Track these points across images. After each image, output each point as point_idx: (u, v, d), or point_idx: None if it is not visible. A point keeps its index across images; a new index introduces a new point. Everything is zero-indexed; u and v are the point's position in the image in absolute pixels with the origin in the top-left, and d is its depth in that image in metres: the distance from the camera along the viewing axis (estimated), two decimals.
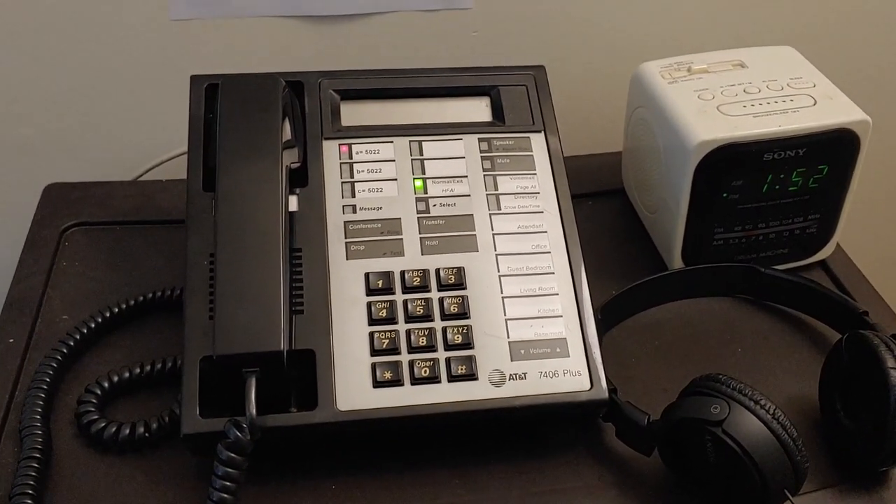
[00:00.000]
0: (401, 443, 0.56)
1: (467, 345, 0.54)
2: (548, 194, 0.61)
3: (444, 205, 0.60)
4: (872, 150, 0.66)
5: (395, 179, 0.60)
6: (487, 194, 0.60)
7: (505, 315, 0.56)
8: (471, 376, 0.53)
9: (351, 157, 0.60)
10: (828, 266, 0.72)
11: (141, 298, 0.63)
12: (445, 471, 0.55)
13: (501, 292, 0.57)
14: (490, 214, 0.59)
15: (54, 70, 0.79)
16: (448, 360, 0.54)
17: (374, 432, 0.54)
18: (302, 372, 0.52)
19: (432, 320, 0.55)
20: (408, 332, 0.54)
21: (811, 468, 0.51)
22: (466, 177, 0.61)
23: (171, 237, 0.70)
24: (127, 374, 0.58)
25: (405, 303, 0.55)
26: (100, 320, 0.61)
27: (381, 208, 0.59)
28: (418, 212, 0.59)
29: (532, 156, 0.62)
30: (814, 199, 0.67)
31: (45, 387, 0.56)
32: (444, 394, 0.53)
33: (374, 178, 0.60)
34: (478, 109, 0.64)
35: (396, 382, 0.53)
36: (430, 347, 0.54)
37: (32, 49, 0.77)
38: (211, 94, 0.60)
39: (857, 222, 0.75)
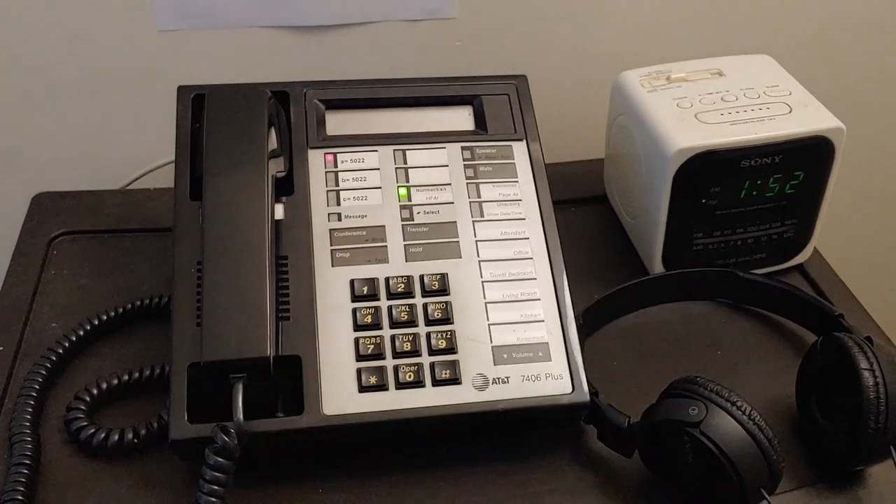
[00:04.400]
0: (386, 446, 0.57)
1: (451, 350, 0.55)
2: (530, 201, 0.62)
3: (427, 212, 0.60)
4: (848, 157, 0.67)
5: (380, 188, 0.61)
6: (470, 202, 0.61)
7: (488, 320, 0.57)
8: (455, 381, 0.54)
9: (336, 166, 0.61)
10: (805, 270, 0.73)
11: (129, 306, 0.64)
12: (431, 474, 0.56)
13: (484, 298, 0.58)
14: (473, 221, 0.60)
15: (42, 79, 0.79)
16: (432, 365, 0.55)
17: (359, 436, 0.55)
18: (288, 377, 0.53)
19: (416, 326, 0.56)
20: (392, 338, 0.55)
21: (788, 468, 0.52)
22: (450, 185, 0.62)
23: (159, 245, 0.70)
24: (115, 381, 0.58)
25: (390, 309, 0.56)
26: (88, 328, 0.62)
27: (365, 216, 0.60)
28: (402, 219, 0.60)
29: (514, 164, 0.63)
30: (791, 204, 0.68)
31: (34, 394, 0.57)
32: (429, 398, 0.54)
33: (358, 186, 0.61)
34: (461, 118, 0.65)
35: (382, 387, 0.53)
36: (415, 352, 0.55)
37: (20, 58, 0.78)
38: (198, 105, 0.61)
39: (834, 227, 0.76)
